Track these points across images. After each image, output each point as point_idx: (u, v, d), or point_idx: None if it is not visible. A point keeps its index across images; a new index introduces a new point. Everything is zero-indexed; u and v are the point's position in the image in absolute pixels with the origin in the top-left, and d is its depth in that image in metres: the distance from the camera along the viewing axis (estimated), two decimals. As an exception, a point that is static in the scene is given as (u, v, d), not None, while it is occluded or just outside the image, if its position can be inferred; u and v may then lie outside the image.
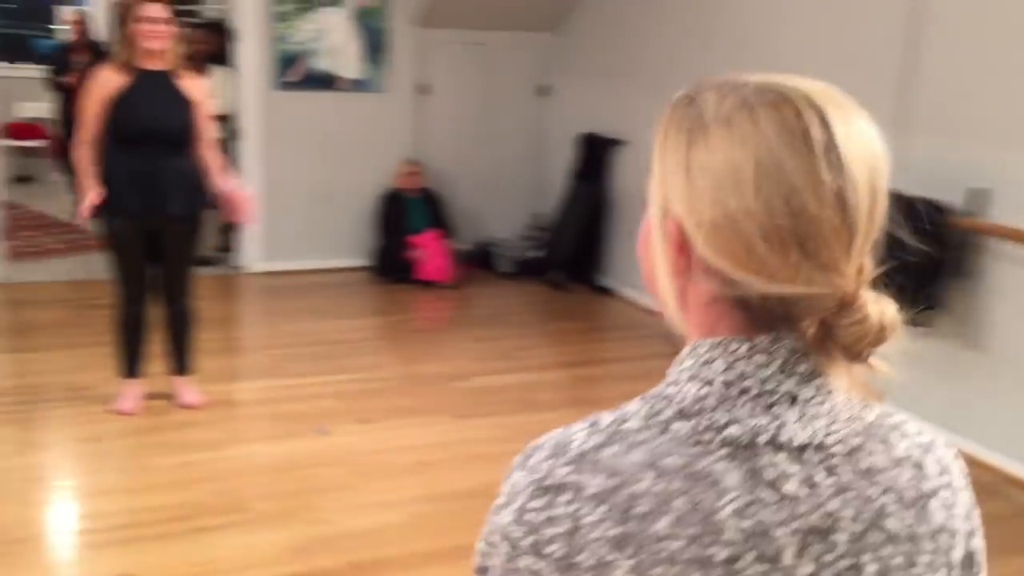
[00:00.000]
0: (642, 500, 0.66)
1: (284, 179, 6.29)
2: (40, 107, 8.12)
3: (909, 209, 2.44)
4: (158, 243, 3.82)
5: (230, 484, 3.40)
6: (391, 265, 6.26)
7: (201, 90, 3.86)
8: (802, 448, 0.69)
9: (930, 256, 2.99)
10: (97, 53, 6.68)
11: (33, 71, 8.00)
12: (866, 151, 0.68)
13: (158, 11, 3.60)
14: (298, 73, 6.23)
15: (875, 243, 0.70)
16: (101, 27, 7.74)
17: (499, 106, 6.74)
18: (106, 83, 3.67)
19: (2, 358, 4.60)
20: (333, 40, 6.27)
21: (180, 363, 4.07)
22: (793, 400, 0.69)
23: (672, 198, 0.71)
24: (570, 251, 6.28)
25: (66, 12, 8.01)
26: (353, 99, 6.38)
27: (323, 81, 6.30)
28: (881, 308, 0.67)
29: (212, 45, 6.37)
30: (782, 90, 0.69)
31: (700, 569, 0.65)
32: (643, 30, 5.80)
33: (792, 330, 0.69)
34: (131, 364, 3.98)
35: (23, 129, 8.30)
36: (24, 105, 8.80)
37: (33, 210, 7.99)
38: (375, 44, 6.38)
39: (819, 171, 0.66)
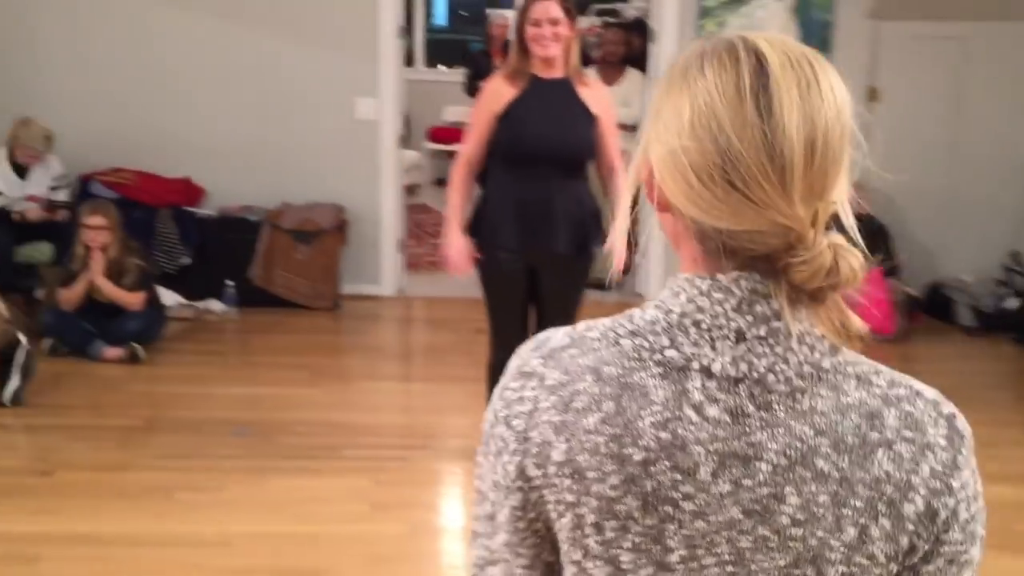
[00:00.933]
0: (580, 397, 0.77)
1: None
2: (464, 111, 8.15)
3: None
4: (539, 282, 3.21)
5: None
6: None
7: (604, 101, 3.20)
8: (737, 380, 0.74)
9: None
10: (513, 57, 6.41)
11: (460, 76, 8.03)
12: (808, 102, 0.71)
13: (551, 11, 2.97)
14: (722, 76, 5.40)
15: (832, 193, 0.73)
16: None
17: (973, 114, 5.47)
18: (494, 95, 3.13)
19: (382, 387, 4.34)
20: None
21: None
22: (741, 337, 0.74)
23: (649, 139, 0.79)
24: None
25: (490, 15, 7.94)
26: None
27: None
28: (838, 253, 0.72)
29: (631, 47, 5.79)
30: (736, 40, 0.74)
31: (617, 463, 0.75)
32: None
33: (760, 270, 0.74)
34: (501, 421, 3.43)
35: (446, 132, 8.42)
36: (450, 109, 8.96)
37: (444, 215, 8.04)
38: (817, 40, 5.36)
39: (746, 113, 0.71)
